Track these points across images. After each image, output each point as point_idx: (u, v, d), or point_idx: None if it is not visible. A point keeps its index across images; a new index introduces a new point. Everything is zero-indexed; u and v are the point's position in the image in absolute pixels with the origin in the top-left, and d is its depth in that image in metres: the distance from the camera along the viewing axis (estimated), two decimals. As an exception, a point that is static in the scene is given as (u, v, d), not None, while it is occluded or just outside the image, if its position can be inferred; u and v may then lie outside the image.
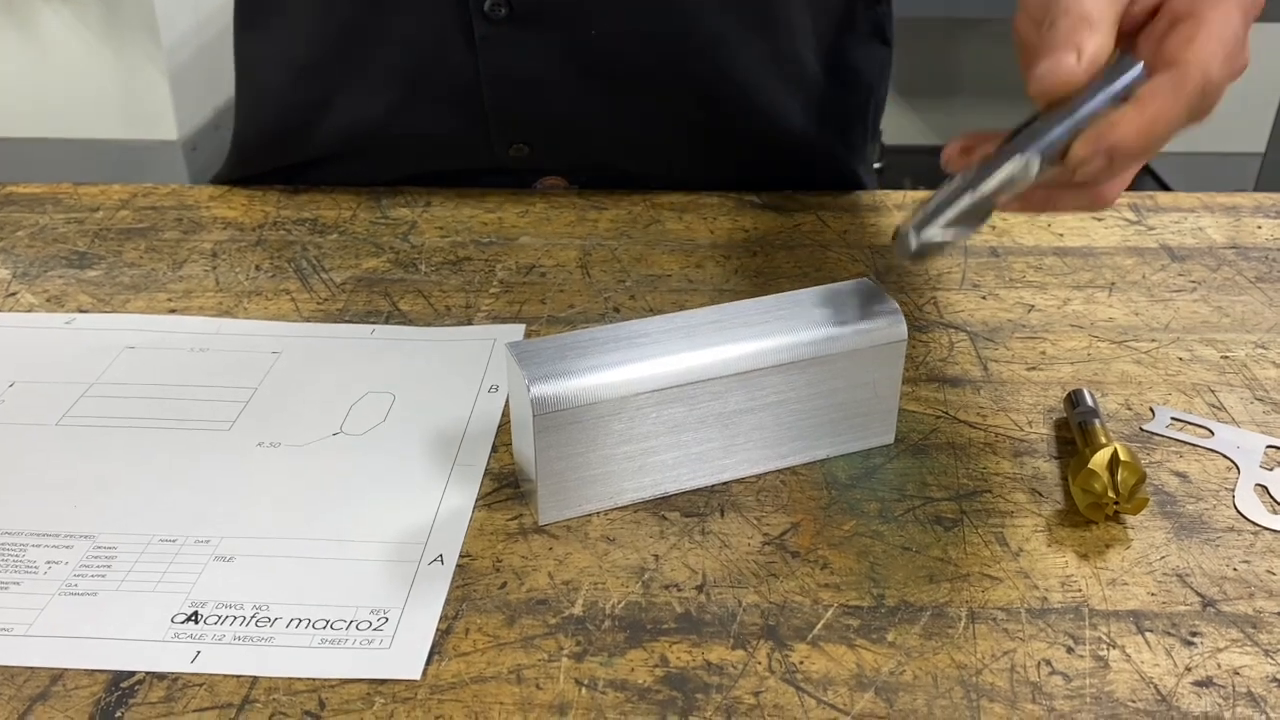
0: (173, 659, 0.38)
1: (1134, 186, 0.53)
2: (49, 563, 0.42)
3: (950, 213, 0.42)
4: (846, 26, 0.72)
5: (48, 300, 0.60)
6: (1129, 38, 0.46)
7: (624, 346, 0.44)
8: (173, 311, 0.58)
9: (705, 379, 0.44)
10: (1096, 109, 0.43)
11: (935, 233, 0.42)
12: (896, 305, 0.46)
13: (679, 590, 0.41)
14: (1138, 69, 0.43)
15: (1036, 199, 0.45)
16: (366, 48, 0.66)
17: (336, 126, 0.69)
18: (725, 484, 0.46)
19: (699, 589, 0.41)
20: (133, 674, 0.38)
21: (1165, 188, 2.09)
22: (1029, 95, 0.45)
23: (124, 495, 0.46)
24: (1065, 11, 0.44)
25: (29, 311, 0.59)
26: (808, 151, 0.71)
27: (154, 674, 0.38)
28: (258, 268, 0.62)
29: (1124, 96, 0.43)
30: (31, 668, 0.38)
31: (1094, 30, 0.43)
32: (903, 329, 0.46)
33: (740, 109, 0.68)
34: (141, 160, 1.93)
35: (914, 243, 0.41)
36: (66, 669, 0.38)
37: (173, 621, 0.40)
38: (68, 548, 0.43)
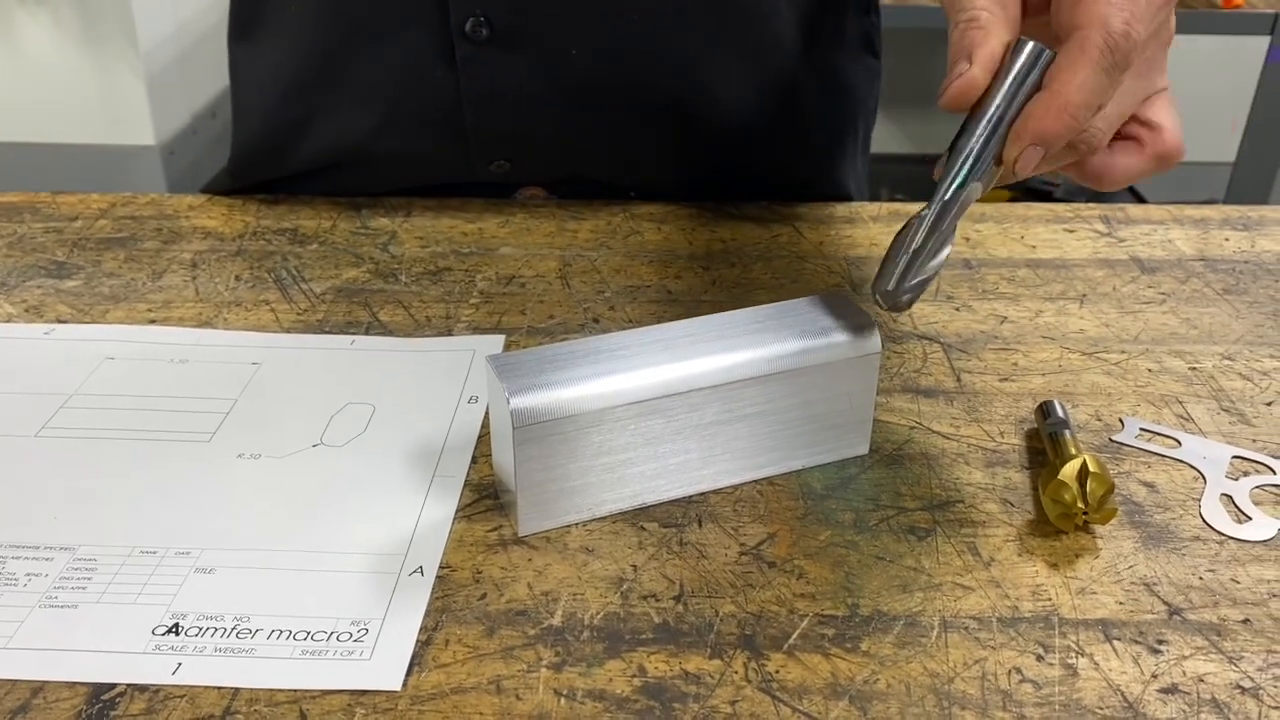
0: (154, 671, 0.39)
1: (1105, 198, 0.54)
2: (29, 575, 0.42)
3: (905, 267, 0.44)
4: (836, 41, 0.71)
5: (26, 310, 0.60)
6: (1040, 15, 0.44)
7: (603, 359, 0.44)
8: (152, 322, 0.58)
9: (683, 391, 0.44)
10: (1015, 104, 0.42)
11: (905, 293, 0.44)
12: (871, 317, 0.47)
13: (657, 600, 0.42)
14: (1036, 50, 0.42)
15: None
16: (349, 67, 0.67)
17: (320, 143, 0.69)
18: (703, 495, 0.47)
19: (677, 599, 0.42)
20: (114, 686, 0.38)
21: (1138, 196, 2.11)
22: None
23: (104, 507, 0.46)
24: (955, 20, 0.43)
25: (7, 322, 0.59)
26: (792, 168, 0.71)
27: (135, 686, 0.38)
28: (237, 278, 0.63)
29: (1040, 83, 0.42)
30: (12, 680, 0.38)
31: (984, 30, 0.41)
32: (877, 341, 0.47)
33: (721, 126, 0.68)
34: (119, 165, 1.92)
35: (884, 305, 0.44)
36: (47, 682, 0.38)
37: (154, 633, 0.40)
38: (48, 560, 0.43)
